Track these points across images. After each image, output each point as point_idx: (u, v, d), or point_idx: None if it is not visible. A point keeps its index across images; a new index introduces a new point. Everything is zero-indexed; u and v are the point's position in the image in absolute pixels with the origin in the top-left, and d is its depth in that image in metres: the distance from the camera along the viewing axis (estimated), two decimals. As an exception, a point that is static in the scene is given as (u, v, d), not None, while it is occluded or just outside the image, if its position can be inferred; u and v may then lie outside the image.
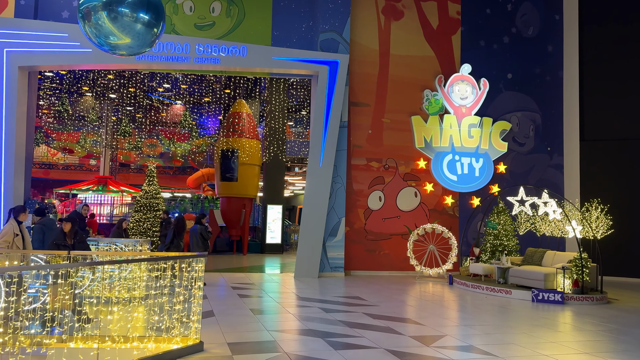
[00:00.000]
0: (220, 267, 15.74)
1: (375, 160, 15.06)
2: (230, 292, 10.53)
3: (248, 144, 20.69)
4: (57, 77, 28.95)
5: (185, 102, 35.81)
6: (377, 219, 14.90)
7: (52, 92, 24.42)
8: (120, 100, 33.42)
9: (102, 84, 29.74)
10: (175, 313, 6.04)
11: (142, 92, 30.85)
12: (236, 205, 20.61)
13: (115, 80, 29.22)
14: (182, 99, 34.62)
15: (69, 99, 32.70)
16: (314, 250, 13.47)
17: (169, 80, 30.05)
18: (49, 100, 23.60)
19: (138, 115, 35.90)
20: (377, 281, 13.21)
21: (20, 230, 7.58)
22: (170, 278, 6.15)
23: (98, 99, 33.94)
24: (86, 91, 30.49)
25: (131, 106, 34.32)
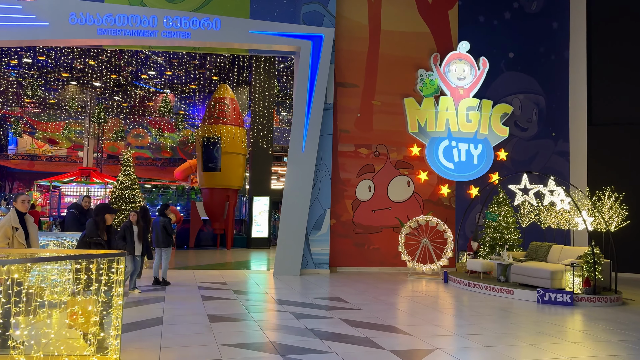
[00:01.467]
0: (197, 263, 14.49)
1: (364, 147, 13.76)
2: (194, 294, 9.26)
3: (232, 132, 19.37)
4: (37, 63, 27.57)
5: (173, 91, 34.48)
6: (366, 211, 13.62)
7: (33, 80, 23.01)
8: (106, 89, 32.08)
9: (83, 70, 28.36)
10: (93, 326, 4.76)
11: (128, 79, 29.51)
12: (219, 197, 19.33)
13: (98, 67, 27.85)
14: (169, 87, 33.28)
15: (49, 88, 31.33)
16: (296, 245, 12.20)
17: (155, 67, 28.69)
18: (29, 87, 22.15)
19: (124, 105, 34.59)
20: (364, 279, 11.95)
21: (24, 223, 5.97)
22: (86, 282, 4.87)
23: (81, 87, 32.55)
24: (67, 78, 29.08)
25: (117, 94, 32.99)
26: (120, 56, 26.08)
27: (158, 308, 7.84)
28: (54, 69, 28.56)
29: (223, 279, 11.31)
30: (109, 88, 32.01)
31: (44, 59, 26.34)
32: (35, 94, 22.04)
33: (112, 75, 28.42)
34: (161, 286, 10.11)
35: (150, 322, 6.83)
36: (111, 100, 34.67)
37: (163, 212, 10.42)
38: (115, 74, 28.68)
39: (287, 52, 13.36)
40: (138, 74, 28.88)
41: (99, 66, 27.57)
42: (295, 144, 12.35)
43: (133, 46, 13.80)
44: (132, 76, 29.74)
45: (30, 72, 28.86)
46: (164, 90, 34.56)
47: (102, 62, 27.33)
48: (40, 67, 28.62)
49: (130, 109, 35.09)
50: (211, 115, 19.62)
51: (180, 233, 19.79)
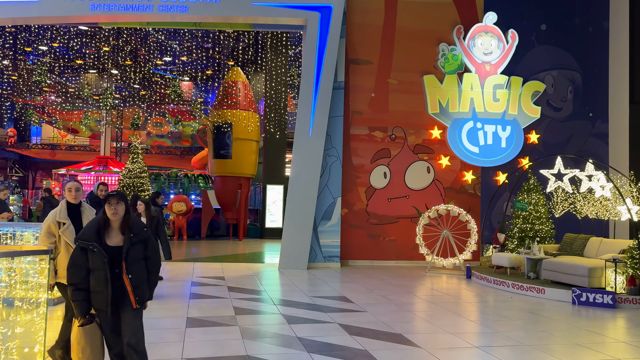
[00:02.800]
0: (202, 254, 13.66)
1: (379, 130, 12.61)
2: (183, 291, 8.37)
3: (244, 117, 18.44)
4: (54, 50, 27.18)
5: (190, 78, 33.81)
6: (381, 199, 12.51)
7: (40, 65, 22.55)
8: (124, 77, 31.60)
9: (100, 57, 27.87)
10: (10, 340, 3.86)
11: (145, 67, 28.90)
12: (231, 186, 18.47)
13: (114, 54, 27.30)
14: (186, 74, 32.59)
15: (68, 76, 31.04)
16: (302, 237, 11.20)
17: (170, 53, 27.98)
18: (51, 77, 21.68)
19: (143, 92, 34.09)
20: (378, 274, 10.88)
21: (77, 217, 4.63)
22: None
23: (100, 75, 32.15)
24: (84, 66, 28.65)
25: (135, 82, 32.50)
26: (136, 41, 25.44)
27: (135, 308, 6.96)
28: (71, 56, 28.17)
29: (223, 273, 10.41)
30: (127, 76, 31.54)
31: (57, 45, 25.92)
32: (43, 79, 21.46)
33: (127, 61, 27.82)
34: (152, 281, 9.25)
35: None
36: (130, 88, 34.24)
37: (154, 201, 9.54)
38: (131, 60, 28.10)
39: (294, 26, 12.28)
40: (154, 61, 28.21)
41: (115, 53, 27.01)
42: (302, 127, 11.30)
43: (129, 23, 12.92)
44: (151, 64, 29.14)
45: (48, 59, 28.55)
46: (182, 77, 33.95)
47: (118, 48, 26.77)
48: (57, 55, 28.27)
49: (149, 97, 34.62)
50: (222, 100, 18.72)
51: (192, 223, 19.09)
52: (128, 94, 35.11)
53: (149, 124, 37.64)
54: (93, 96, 27.09)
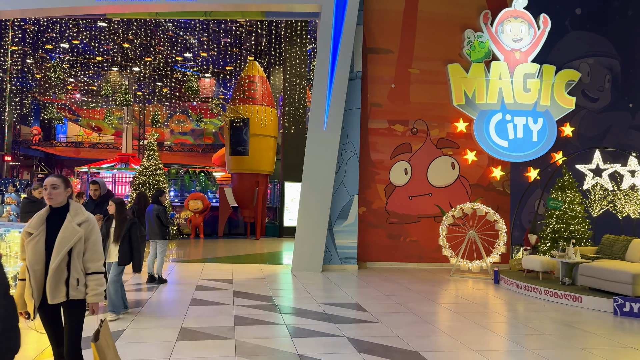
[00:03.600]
0: (214, 254, 13.14)
1: (399, 123, 11.83)
2: (185, 296, 7.80)
3: (262, 112, 17.86)
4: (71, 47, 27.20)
5: (213, 74, 33.51)
6: (402, 197, 11.74)
7: (56, 62, 22.44)
8: (145, 73, 31.49)
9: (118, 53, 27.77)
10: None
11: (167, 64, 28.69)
12: (248, 183, 17.93)
13: (133, 50, 27.15)
14: (208, 71, 32.29)
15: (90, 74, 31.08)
16: (317, 238, 10.53)
17: (190, 49, 27.68)
18: (52, 69, 21.58)
19: (164, 90, 33.97)
20: (397, 277, 10.13)
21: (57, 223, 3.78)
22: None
23: (122, 73, 32.12)
24: (107, 63, 28.61)
25: (157, 80, 32.39)
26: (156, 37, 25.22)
27: (128, 317, 6.41)
28: (93, 53, 28.15)
29: (232, 275, 9.83)
30: (148, 73, 31.43)
31: (78, 43, 25.90)
32: (58, 75, 21.33)
33: (146, 57, 27.64)
34: (155, 284, 8.74)
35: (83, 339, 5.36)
36: (152, 85, 34.17)
37: (157, 199, 9.01)
38: (151, 56, 27.92)
39: (308, 14, 11.58)
40: (175, 57, 27.96)
41: (135, 49, 26.85)
42: (316, 120, 10.62)
43: (138, 13, 12.44)
44: (171, 60, 28.94)
45: (70, 57, 28.61)
46: (203, 75, 33.68)
47: (138, 45, 26.60)
48: (78, 52, 28.31)
49: (171, 95, 34.49)
50: (239, 95, 18.18)
51: (209, 221, 18.65)
52: (150, 91, 35.06)
53: (171, 121, 37.54)
54: (115, 94, 26.96)
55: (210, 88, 34.53)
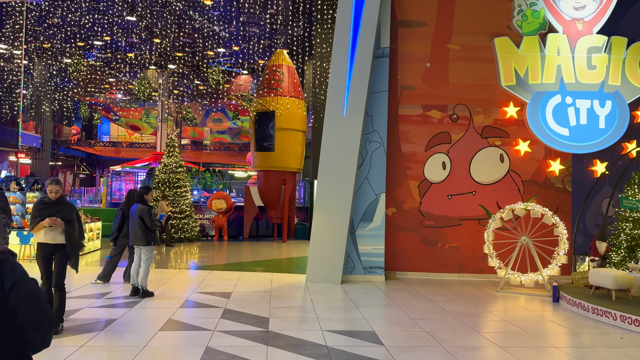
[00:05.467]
0: (226, 260, 11.79)
1: (436, 108, 10.05)
2: (162, 315, 6.39)
3: (289, 105, 16.44)
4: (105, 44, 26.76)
5: (247, 69, 32.46)
6: (439, 196, 9.95)
7: (76, 57, 21.85)
8: (180, 71, 30.84)
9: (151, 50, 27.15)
10: None
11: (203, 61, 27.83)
12: (274, 181, 16.54)
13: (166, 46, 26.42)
14: (244, 67, 31.27)
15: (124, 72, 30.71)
16: (335, 243, 8.92)
17: (222, 43, 26.64)
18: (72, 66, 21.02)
19: (201, 87, 33.23)
20: (432, 292, 8.38)
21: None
22: None
23: (158, 71, 31.61)
24: (136, 60, 28.06)
25: (192, 77, 31.68)
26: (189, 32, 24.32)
27: (73, 341, 5.05)
28: (127, 50, 27.66)
29: (234, 286, 8.39)
30: (183, 71, 30.77)
31: (109, 39, 25.38)
32: (77, 70, 20.69)
33: (177, 53, 26.85)
34: (139, 297, 7.42)
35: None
36: (189, 83, 33.52)
37: (142, 198, 7.66)
38: (184, 52, 27.12)
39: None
40: (207, 52, 26.99)
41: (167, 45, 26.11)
42: (334, 105, 9.01)
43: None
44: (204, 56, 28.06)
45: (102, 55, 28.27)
46: (237, 70, 32.71)
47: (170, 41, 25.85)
48: (112, 50, 27.89)
49: (207, 93, 33.74)
50: (265, 86, 16.83)
51: (235, 222, 17.42)
52: (187, 89, 34.44)
53: (208, 119, 36.84)
54: (151, 92, 26.31)
55: (247, 84, 33.45)
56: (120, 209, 8.52)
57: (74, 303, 6.97)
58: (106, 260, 8.59)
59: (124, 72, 30.54)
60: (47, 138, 32.19)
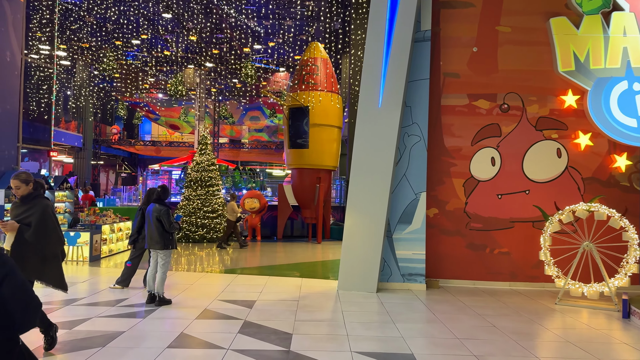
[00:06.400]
0: (258, 263, 11.14)
1: (484, 98, 9.04)
2: (174, 328, 5.74)
3: (324, 99, 15.68)
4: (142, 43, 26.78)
5: (283, 65, 31.92)
6: (487, 195, 8.94)
7: (110, 54, 21.78)
8: (218, 69, 30.64)
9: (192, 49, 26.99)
10: None
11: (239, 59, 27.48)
12: (309, 180, 15.82)
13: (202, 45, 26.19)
14: (280, 63, 30.75)
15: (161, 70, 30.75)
16: (370, 248, 8.06)
17: (258, 40, 26.16)
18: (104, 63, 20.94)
19: (238, 85, 32.96)
20: (481, 304, 7.42)
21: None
22: None
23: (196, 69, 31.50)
24: (168, 57, 27.98)
25: (229, 75, 31.44)
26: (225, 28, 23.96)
27: None
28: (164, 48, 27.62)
29: (260, 294, 7.69)
30: (221, 69, 30.56)
31: (147, 37, 25.32)
32: (109, 67, 20.57)
33: (213, 50, 26.55)
34: (155, 305, 6.81)
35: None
36: (226, 81, 33.31)
37: (160, 198, 7.06)
38: (219, 49, 26.81)
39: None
40: (242, 48, 26.59)
41: (201, 42, 25.87)
42: (368, 95, 8.16)
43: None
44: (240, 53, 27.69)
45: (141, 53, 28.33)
46: (278, 67, 32.24)
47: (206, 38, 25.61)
48: (149, 48, 27.91)
49: (245, 91, 33.44)
50: (299, 81, 16.13)
51: (268, 222, 16.82)
52: (225, 88, 34.26)
53: (246, 118, 36.55)
54: (183, 90, 26.13)
55: (284, 82, 32.92)
56: (140, 209, 7.97)
57: (83, 311, 6.43)
58: (127, 265, 8.06)
59: (162, 71, 30.57)
60: (88, 137, 32.64)
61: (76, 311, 6.47)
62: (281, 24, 23.39)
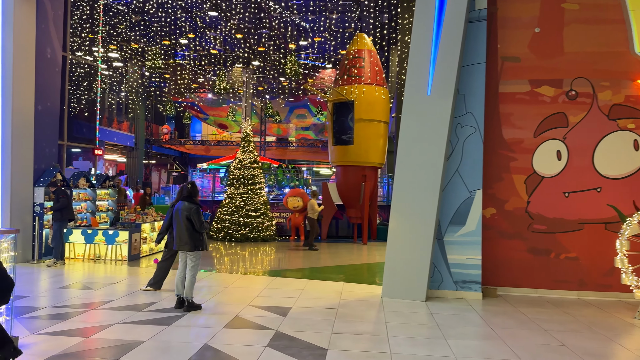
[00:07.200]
0: (301, 264, 10.56)
1: (548, 84, 8.04)
2: (198, 339, 5.22)
3: (370, 92, 14.94)
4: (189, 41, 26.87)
5: (332, 64, 31.31)
6: (552, 193, 7.94)
7: (155, 50, 21.80)
8: (264, 67, 30.44)
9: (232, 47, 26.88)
10: None
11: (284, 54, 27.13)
12: (354, 177, 15.12)
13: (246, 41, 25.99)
14: (326, 60, 30.17)
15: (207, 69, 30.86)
16: (418, 251, 7.27)
17: (305, 36, 25.68)
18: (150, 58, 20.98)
19: (284, 83, 32.64)
20: (546, 317, 6.50)
21: None
22: None
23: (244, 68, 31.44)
24: (214, 55, 27.95)
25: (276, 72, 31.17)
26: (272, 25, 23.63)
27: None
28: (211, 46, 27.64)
29: (296, 299, 7.08)
30: (267, 67, 30.33)
31: (193, 37, 25.36)
32: (155, 64, 20.57)
33: (259, 47, 26.28)
34: (184, 311, 6.33)
35: None
36: (273, 79, 33.07)
37: (190, 196, 6.57)
38: (265, 46, 26.53)
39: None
40: (288, 45, 26.17)
41: (247, 40, 25.67)
42: (415, 82, 7.37)
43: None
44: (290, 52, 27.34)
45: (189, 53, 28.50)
46: (324, 64, 31.68)
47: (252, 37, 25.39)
48: (197, 47, 28.01)
49: (290, 88, 33.09)
50: (344, 74, 15.46)
51: (313, 221, 16.22)
52: (270, 85, 34.03)
53: (292, 116, 36.21)
54: (227, 86, 26.00)
55: (330, 79, 32.33)
56: (172, 207, 7.54)
57: (107, 316, 6.02)
58: (154, 262, 7.66)
59: (210, 70, 30.68)
60: (140, 137, 33.26)
61: (100, 316, 6.08)
62: (327, 18, 22.77)
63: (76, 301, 6.79)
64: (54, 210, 9.72)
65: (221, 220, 14.57)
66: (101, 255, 10.56)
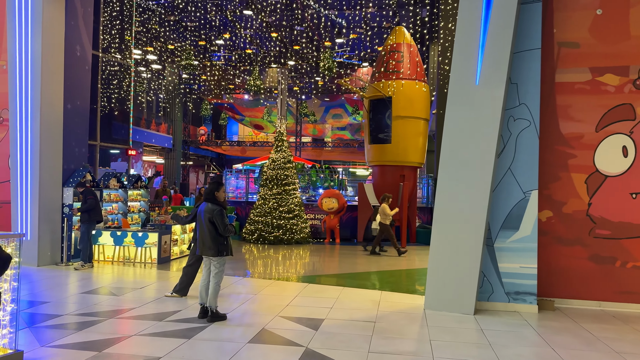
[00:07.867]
0: (338, 270, 9.94)
1: (612, 72, 7.16)
2: (221, 357, 4.68)
3: (409, 88, 14.22)
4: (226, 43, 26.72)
5: (369, 62, 30.60)
6: (618, 195, 7.05)
7: (187, 48, 21.66)
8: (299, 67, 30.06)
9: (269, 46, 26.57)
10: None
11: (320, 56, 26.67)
12: (391, 178, 14.43)
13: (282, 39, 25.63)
14: (363, 58, 29.48)
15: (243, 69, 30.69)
16: (465, 259, 6.54)
17: (341, 33, 25.09)
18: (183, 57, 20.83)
19: (320, 83, 32.15)
20: (613, 335, 5.67)
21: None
22: None
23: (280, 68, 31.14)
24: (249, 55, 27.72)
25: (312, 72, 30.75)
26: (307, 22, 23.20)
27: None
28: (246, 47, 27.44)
29: (329, 310, 6.48)
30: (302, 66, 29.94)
31: (229, 37, 25.17)
32: (189, 63, 20.37)
33: (294, 46, 25.87)
34: (206, 322, 5.84)
35: None
36: (309, 78, 32.63)
37: (212, 196, 6.07)
38: (300, 45, 26.11)
39: None
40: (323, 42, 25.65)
41: (283, 38, 25.30)
42: (461, 71, 6.64)
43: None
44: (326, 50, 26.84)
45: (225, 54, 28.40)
46: (361, 62, 31.02)
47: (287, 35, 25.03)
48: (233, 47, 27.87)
49: (326, 88, 32.59)
50: (381, 69, 14.78)
51: (348, 223, 15.60)
52: (307, 86, 33.61)
53: (328, 116, 35.67)
54: (260, 85, 25.69)
55: (367, 77, 31.65)
56: (196, 208, 7.08)
57: (125, 326, 5.59)
58: (182, 268, 7.23)
59: (245, 70, 30.51)
60: (178, 138, 33.45)
61: (119, 326, 5.65)
62: (363, 14, 22.12)
63: (97, 308, 6.41)
64: (82, 211, 9.46)
65: (254, 222, 14.15)
66: (130, 258, 10.26)
